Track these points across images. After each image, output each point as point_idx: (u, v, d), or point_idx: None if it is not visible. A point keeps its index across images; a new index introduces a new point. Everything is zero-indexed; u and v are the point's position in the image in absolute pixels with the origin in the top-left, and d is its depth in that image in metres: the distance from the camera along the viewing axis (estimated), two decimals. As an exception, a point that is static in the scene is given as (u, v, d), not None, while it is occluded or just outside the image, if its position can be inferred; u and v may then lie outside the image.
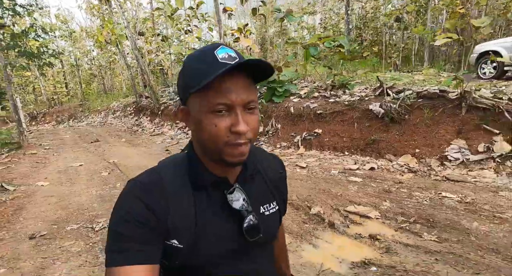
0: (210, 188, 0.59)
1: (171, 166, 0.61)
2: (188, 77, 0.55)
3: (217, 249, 0.58)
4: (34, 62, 10.21)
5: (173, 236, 0.55)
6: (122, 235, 0.52)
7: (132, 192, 0.55)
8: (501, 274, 1.81)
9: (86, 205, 3.58)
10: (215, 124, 0.52)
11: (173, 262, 0.57)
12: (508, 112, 3.62)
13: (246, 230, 0.59)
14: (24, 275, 2.18)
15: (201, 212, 0.58)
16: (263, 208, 0.65)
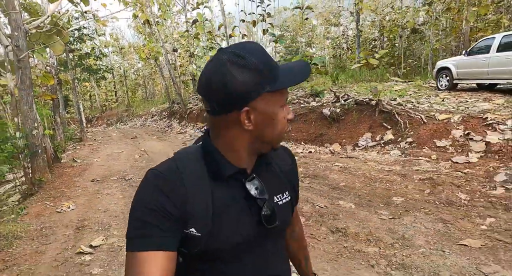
0: (229, 178, 0.61)
1: (188, 157, 0.63)
2: (264, 75, 0.55)
3: (234, 237, 0.59)
4: (93, 76, 13.25)
5: (191, 224, 0.57)
6: (142, 221, 0.54)
7: (152, 181, 0.57)
8: (339, 198, 3.57)
9: (122, 170, 5.80)
10: (284, 116, 0.60)
11: (192, 250, 0.58)
12: (397, 114, 5.17)
13: (264, 218, 0.61)
14: (89, 195, 4.36)
15: (218, 201, 0.59)
16: (277, 197, 0.66)
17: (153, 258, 0.52)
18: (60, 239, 2.84)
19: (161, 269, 0.51)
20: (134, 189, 3.82)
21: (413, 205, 3.07)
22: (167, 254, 0.53)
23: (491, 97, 6.11)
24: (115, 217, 3.38)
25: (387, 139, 5.10)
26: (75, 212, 3.56)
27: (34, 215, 3.41)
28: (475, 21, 12.54)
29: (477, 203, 2.96)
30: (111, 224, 3.16)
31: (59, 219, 3.33)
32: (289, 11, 26.19)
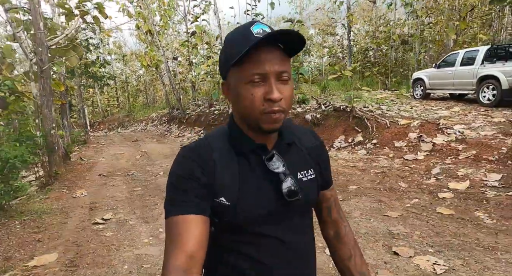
0: (249, 153, 0.64)
1: (216, 134, 0.67)
2: (227, 52, 0.60)
3: (258, 209, 0.62)
4: (97, 83, 14.09)
5: (221, 194, 0.60)
6: (177, 190, 0.59)
7: (185, 154, 0.63)
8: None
9: (125, 167, 6.53)
10: (252, 93, 0.57)
11: (222, 219, 0.61)
12: (367, 119, 5.94)
13: (284, 191, 0.62)
14: (98, 185, 5.08)
15: (243, 174, 0.63)
16: (300, 174, 0.67)
17: (189, 220, 0.55)
18: (77, 215, 3.57)
19: (197, 230, 0.55)
20: (136, 181, 4.63)
21: (363, 191, 3.80)
22: (201, 217, 0.57)
23: (453, 105, 6.90)
24: (120, 201, 4.10)
25: (357, 140, 5.85)
26: (87, 197, 4.29)
27: (54, 199, 4.14)
28: (458, 34, 13.41)
29: (411, 189, 3.70)
30: (118, 206, 3.88)
31: (75, 202, 4.05)
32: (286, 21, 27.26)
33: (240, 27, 0.61)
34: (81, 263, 2.44)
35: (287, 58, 0.60)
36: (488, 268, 2.03)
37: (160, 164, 6.47)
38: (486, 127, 4.90)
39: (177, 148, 9.25)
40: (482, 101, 6.58)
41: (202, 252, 0.55)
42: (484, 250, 2.26)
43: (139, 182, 5.07)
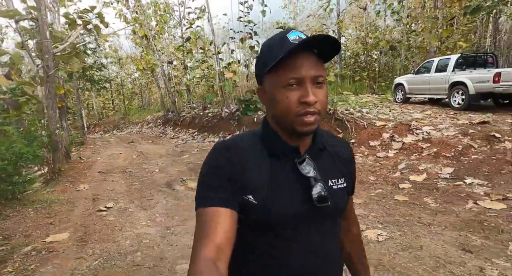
0: (282, 155, 0.65)
1: (250, 134, 0.69)
2: (263, 59, 0.63)
3: (286, 211, 0.62)
4: (94, 86, 14.49)
5: (249, 192, 0.62)
6: (208, 183, 0.61)
7: (218, 149, 0.65)
8: None
9: (122, 165, 6.97)
10: (287, 96, 0.59)
11: (249, 217, 0.62)
12: (347, 121, 6.48)
13: (314, 196, 0.62)
14: (98, 181, 5.51)
15: (274, 175, 0.64)
16: (331, 181, 0.68)
17: (218, 213, 0.57)
18: (82, 204, 4.02)
19: (226, 223, 0.57)
20: (134, 177, 5.13)
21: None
22: (230, 211, 0.59)
23: (427, 109, 7.49)
24: (120, 193, 4.55)
25: (337, 140, 6.38)
26: (89, 190, 4.73)
27: (60, 191, 4.57)
28: (443, 41, 14.10)
29: (378, 182, 4.22)
30: (118, 197, 4.33)
31: (78, 194, 4.49)
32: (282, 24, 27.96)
33: (276, 34, 0.63)
34: (90, 240, 2.90)
35: (322, 62, 0.61)
36: (419, 236, 2.54)
37: (156, 163, 6.91)
38: (450, 128, 5.46)
39: (172, 149, 9.69)
40: (453, 105, 7.17)
41: (230, 244, 0.56)
42: (422, 225, 2.78)
43: (136, 178, 5.52)
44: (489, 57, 7.39)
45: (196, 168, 5.90)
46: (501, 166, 3.85)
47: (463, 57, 7.39)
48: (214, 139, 10.33)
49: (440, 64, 7.87)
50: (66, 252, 2.67)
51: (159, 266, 2.38)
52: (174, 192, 4.48)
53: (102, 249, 2.70)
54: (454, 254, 2.25)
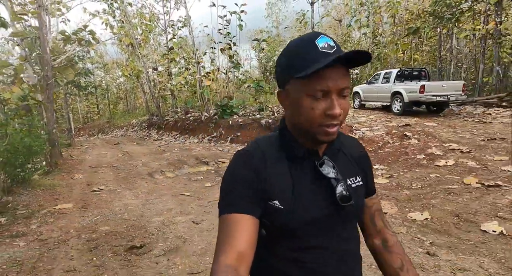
0: (301, 158, 0.66)
1: (267, 140, 0.69)
2: (292, 62, 0.61)
3: (311, 213, 0.63)
4: (82, 92, 15.30)
5: (274, 197, 0.62)
6: (230, 190, 0.62)
7: (239, 158, 0.66)
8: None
9: (110, 162, 7.94)
10: (313, 107, 0.58)
11: (274, 222, 0.63)
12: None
13: (338, 196, 0.63)
14: (90, 172, 6.49)
15: (297, 178, 0.64)
16: (349, 180, 0.69)
17: (241, 219, 0.58)
18: (79, 187, 5.02)
19: (248, 230, 0.58)
20: (120, 170, 6.33)
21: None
22: (252, 218, 0.59)
23: (373, 114, 8.86)
24: (109, 180, 5.57)
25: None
26: (83, 179, 5.72)
27: (59, 179, 5.55)
28: (405, 53, 15.72)
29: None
30: (108, 183, 5.35)
31: (75, 181, 5.48)
32: (265, 33, 29.42)
33: (304, 37, 0.61)
34: (88, 207, 3.94)
35: (348, 73, 0.61)
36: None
37: (140, 159, 7.92)
38: (381, 129, 6.78)
39: (155, 149, 10.68)
40: (393, 110, 8.57)
41: (251, 252, 0.57)
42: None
43: (122, 170, 6.53)
44: (422, 71, 8.87)
45: (175, 163, 6.97)
46: (401, 156, 5.14)
47: (401, 70, 8.83)
48: (194, 140, 11.38)
49: (385, 76, 9.30)
50: (73, 214, 3.71)
51: (140, 220, 3.46)
52: (154, 179, 5.55)
53: (98, 212, 3.75)
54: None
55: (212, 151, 8.36)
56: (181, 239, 2.83)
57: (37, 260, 2.53)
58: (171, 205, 3.91)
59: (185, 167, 6.48)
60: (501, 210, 2.91)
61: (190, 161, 7.03)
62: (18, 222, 3.38)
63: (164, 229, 3.09)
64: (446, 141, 5.41)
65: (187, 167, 6.51)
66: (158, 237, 2.91)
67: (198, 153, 8.17)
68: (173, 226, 3.16)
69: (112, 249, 2.70)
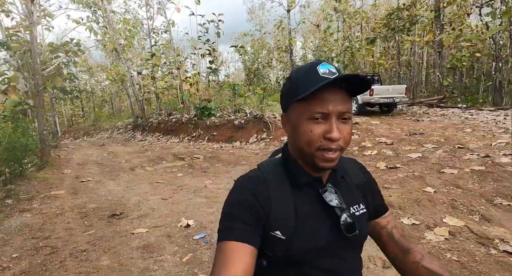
0: (305, 186, 0.66)
1: (271, 166, 0.69)
2: (293, 88, 0.63)
3: (314, 243, 0.63)
4: (67, 96, 15.90)
5: (276, 227, 0.61)
6: (230, 216, 0.62)
7: (241, 184, 0.66)
8: (216, 163, 6.91)
9: (96, 160, 8.74)
10: (311, 129, 0.59)
11: (276, 252, 0.62)
12: (270, 123, 8.76)
13: (342, 226, 0.63)
14: (78, 168, 7.31)
15: (299, 207, 0.64)
16: (353, 208, 0.68)
17: (239, 247, 0.57)
18: (69, 180, 5.87)
19: (245, 258, 0.57)
20: (105, 166, 7.38)
21: (249, 164, 6.48)
22: (251, 248, 0.58)
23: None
24: (95, 174, 6.42)
25: (262, 137, 8.63)
26: (72, 173, 6.55)
27: (51, 173, 6.36)
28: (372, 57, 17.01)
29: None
30: (94, 175, 6.21)
31: (65, 175, 6.31)
32: (248, 36, 30.48)
33: (307, 65, 0.63)
34: (78, 193, 4.82)
35: (349, 98, 0.62)
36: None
37: (123, 157, 8.76)
38: (333, 126, 7.88)
39: (139, 148, 11.49)
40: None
41: None
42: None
43: (107, 166, 7.38)
44: (376, 76, 10.08)
45: (154, 159, 7.85)
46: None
47: (357, 75, 10.01)
48: (175, 140, 12.25)
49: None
50: (65, 198, 4.59)
51: (121, 199, 4.37)
52: (135, 172, 6.45)
53: (86, 196, 4.64)
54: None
55: (189, 149, 9.28)
56: (151, 209, 3.78)
57: (42, 224, 3.43)
58: (146, 189, 4.84)
59: (163, 163, 7.39)
60: (389, 183, 4.00)
61: (168, 158, 7.94)
62: (22, 203, 4.24)
63: (139, 204, 4.03)
64: (379, 136, 6.54)
65: (165, 162, 7.43)
66: (134, 209, 3.85)
67: (176, 151, 9.07)
68: (146, 202, 4.10)
69: (99, 216, 3.63)
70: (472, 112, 8.08)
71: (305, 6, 20.90)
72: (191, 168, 6.45)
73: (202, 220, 3.29)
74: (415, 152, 5.21)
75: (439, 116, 8.17)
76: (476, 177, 3.82)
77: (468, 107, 8.80)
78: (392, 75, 16.77)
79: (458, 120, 7.37)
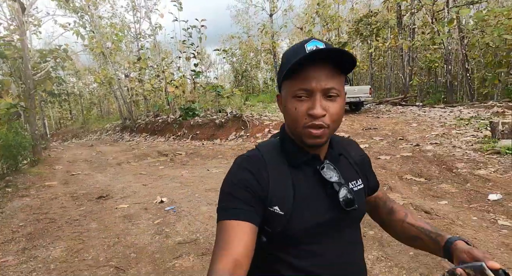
0: (303, 164, 0.66)
1: (269, 146, 0.69)
2: (282, 67, 0.63)
3: (313, 219, 0.63)
4: (56, 99, 16.35)
5: (275, 203, 0.62)
6: (229, 195, 0.62)
7: (240, 163, 0.66)
8: (204, 158, 7.64)
9: (85, 158, 9.35)
10: (296, 107, 0.59)
11: (275, 228, 0.62)
12: (248, 122, 9.54)
13: (341, 201, 0.63)
14: (68, 165, 7.93)
15: (298, 184, 0.64)
16: (351, 184, 0.69)
17: (238, 226, 0.57)
18: (60, 174, 6.51)
19: (245, 236, 0.57)
20: (94, 163, 8.15)
21: (224, 157, 7.23)
22: (250, 225, 0.58)
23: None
24: (84, 169, 7.07)
25: (240, 134, 9.41)
26: (63, 168, 7.18)
27: (43, 169, 6.98)
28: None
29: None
30: (83, 170, 6.86)
31: (56, 170, 6.94)
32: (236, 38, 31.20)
33: (297, 43, 0.62)
34: (69, 183, 5.49)
35: (337, 75, 0.60)
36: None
37: (111, 155, 9.39)
38: (303, 123, 8.71)
39: (126, 147, 12.10)
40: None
41: (248, 259, 0.56)
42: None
43: (95, 163, 8.02)
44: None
45: (140, 156, 8.53)
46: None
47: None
48: (161, 139, 12.90)
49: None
50: (58, 187, 5.26)
51: (107, 187, 5.06)
52: (121, 166, 7.12)
53: (77, 185, 5.32)
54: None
55: (173, 147, 9.98)
56: (132, 192, 4.50)
57: (40, 205, 4.11)
58: (130, 179, 5.55)
59: (148, 159, 8.08)
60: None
61: (152, 154, 8.63)
62: (20, 191, 4.89)
63: (123, 189, 4.74)
64: (339, 130, 7.39)
65: (149, 158, 8.12)
66: (118, 192, 4.56)
67: (161, 148, 9.75)
68: (129, 188, 4.81)
69: (88, 198, 4.33)
70: (425, 110, 9.03)
71: (286, 10, 21.77)
72: (172, 162, 7.17)
73: (174, 198, 4.03)
74: (364, 143, 6.06)
75: (398, 113, 9.09)
76: (401, 161, 4.67)
77: (424, 105, 9.77)
78: (367, 76, 17.84)
79: (411, 117, 8.28)
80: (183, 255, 2.49)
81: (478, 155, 4.35)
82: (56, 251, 2.66)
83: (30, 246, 2.81)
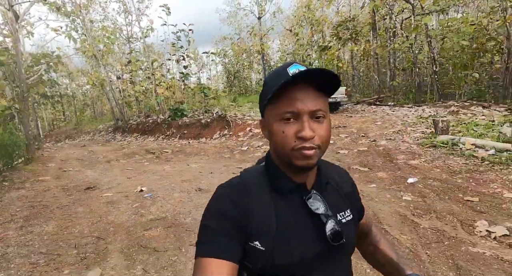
0: (288, 193, 0.63)
1: (253, 174, 0.66)
2: (264, 91, 0.62)
3: (297, 254, 0.60)
4: (49, 101, 16.77)
5: (256, 238, 0.59)
6: (208, 227, 0.59)
7: (219, 193, 0.63)
8: (191, 156, 8.21)
9: (77, 157, 9.86)
10: (283, 130, 0.58)
11: (256, 265, 0.59)
12: (231, 121, 10.14)
13: (328, 235, 0.60)
14: (61, 163, 8.45)
15: (282, 216, 0.61)
16: (339, 215, 0.66)
17: (213, 266, 0.54)
18: (53, 170, 7.04)
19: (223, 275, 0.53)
20: (85, 161, 8.76)
21: (206, 154, 7.82)
22: (228, 264, 0.55)
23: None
24: (76, 166, 7.61)
25: (224, 133, 10.00)
26: (56, 166, 7.70)
27: (37, 167, 7.50)
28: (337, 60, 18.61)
29: (228, 151, 7.82)
30: (75, 167, 7.40)
31: (49, 168, 7.47)
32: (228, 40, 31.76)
33: (279, 67, 0.62)
34: (61, 178, 6.04)
35: (322, 96, 0.60)
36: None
37: (102, 154, 9.92)
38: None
39: (117, 147, 12.61)
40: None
41: None
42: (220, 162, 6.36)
43: (86, 161, 8.55)
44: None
45: (128, 154, 9.07)
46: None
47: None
48: (151, 139, 13.44)
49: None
50: (51, 181, 5.80)
51: (95, 181, 5.62)
52: (110, 164, 7.67)
53: (68, 180, 5.87)
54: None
55: (161, 146, 10.54)
56: (117, 184, 5.08)
57: (35, 195, 4.66)
58: (117, 174, 6.11)
59: (136, 156, 8.64)
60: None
61: (141, 153, 9.19)
62: (16, 185, 5.43)
63: (109, 182, 5.31)
64: (312, 128, 8.03)
65: (137, 156, 8.68)
66: (104, 184, 5.13)
67: (150, 147, 10.31)
68: (115, 180, 5.39)
69: (77, 189, 4.89)
70: (395, 109, 9.71)
71: (275, 13, 22.42)
72: (157, 159, 7.74)
73: (152, 187, 4.62)
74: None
75: (371, 112, 9.76)
76: (356, 154, 5.32)
77: (395, 105, 10.46)
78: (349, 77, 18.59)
79: (380, 116, 8.95)
80: (152, 228, 3.09)
81: (419, 148, 5.01)
82: (48, 227, 3.24)
83: (26, 224, 3.38)
